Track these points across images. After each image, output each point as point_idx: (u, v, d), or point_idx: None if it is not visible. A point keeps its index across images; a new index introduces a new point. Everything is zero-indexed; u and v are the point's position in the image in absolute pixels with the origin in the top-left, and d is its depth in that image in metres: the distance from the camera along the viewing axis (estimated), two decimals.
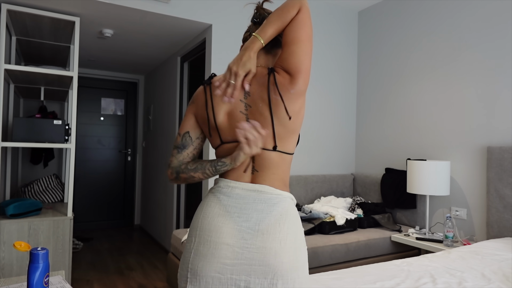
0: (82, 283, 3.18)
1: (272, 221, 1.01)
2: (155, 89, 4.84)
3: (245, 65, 1.02)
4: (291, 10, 1.04)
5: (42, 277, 0.99)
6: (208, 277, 0.99)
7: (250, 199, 1.03)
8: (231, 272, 0.98)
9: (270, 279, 0.98)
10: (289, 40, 1.04)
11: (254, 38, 1.04)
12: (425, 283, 1.60)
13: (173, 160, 1.12)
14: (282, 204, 1.04)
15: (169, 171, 1.13)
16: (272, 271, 0.98)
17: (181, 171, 1.10)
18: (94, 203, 5.19)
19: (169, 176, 1.13)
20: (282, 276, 0.98)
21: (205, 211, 1.06)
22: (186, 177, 1.09)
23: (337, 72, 3.70)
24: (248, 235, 1.00)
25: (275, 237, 0.99)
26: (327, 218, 2.77)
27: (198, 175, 1.08)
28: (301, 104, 1.06)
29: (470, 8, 2.77)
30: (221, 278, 0.99)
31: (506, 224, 2.39)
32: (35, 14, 2.57)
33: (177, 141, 1.14)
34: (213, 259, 0.99)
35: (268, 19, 1.05)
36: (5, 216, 2.44)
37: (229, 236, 1.00)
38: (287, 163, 1.09)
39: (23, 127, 2.46)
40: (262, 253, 0.98)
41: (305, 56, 1.03)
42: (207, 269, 0.99)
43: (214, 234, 1.01)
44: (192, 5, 2.96)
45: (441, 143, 2.94)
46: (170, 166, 1.12)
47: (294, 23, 1.04)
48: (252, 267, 0.98)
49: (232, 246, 0.99)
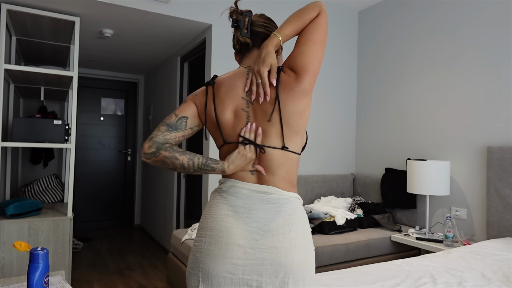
0: (82, 283, 3.18)
1: (281, 221, 1.01)
2: (155, 89, 4.84)
3: (265, 61, 1.03)
4: (311, 12, 1.06)
5: (42, 277, 0.99)
6: (220, 277, 1.00)
7: (257, 200, 1.04)
8: (242, 272, 0.99)
9: (281, 278, 0.99)
10: (302, 40, 1.06)
11: (273, 36, 1.06)
12: (425, 283, 1.60)
13: (158, 134, 1.06)
14: (289, 205, 1.04)
15: (147, 143, 1.04)
16: (283, 270, 0.98)
17: (164, 148, 1.04)
18: (94, 203, 5.19)
19: (145, 149, 1.04)
20: (293, 275, 0.99)
21: (213, 211, 1.06)
22: (167, 156, 1.03)
23: (337, 72, 3.70)
24: (259, 235, 1.00)
25: (285, 237, 1.00)
26: (327, 218, 2.77)
27: (183, 159, 1.03)
28: (306, 105, 1.06)
29: (470, 8, 2.77)
30: (233, 278, 0.99)
31: (506, 224, 2.39)
32: (35, 14, 2.57)
33: (170, 119, 1.09)
34: (224, 260, 1.00)
35: (288, 18, 1.07)
36: (5, 216, 2.44)
37: (239, 237, 1.00)
38: (292, 163, 1.08)
39: (23, 127, 2.46)
40: (274, 253, 0.99)
41: (314, 57, 1.05)
42: (219, 269, 1.00)
43: (225, 235, 1.01)
44: (192, 5, 2.96)
45: (441, 143, 2.94)
46: (152, 139, 1.05)
47: (312, 25, 1.06)
48: (264, 267, 0.99)
49: (243, 246, 1.00)
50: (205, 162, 1.04)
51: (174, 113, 1.11)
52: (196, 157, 1.04)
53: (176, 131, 1.08)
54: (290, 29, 1.06)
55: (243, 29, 1.13)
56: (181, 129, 1.09)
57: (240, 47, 1.17)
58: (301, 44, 1.06)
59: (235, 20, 1.14)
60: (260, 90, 1.03)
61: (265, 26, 1.16)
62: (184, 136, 1.10)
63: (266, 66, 1.03)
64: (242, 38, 1.14)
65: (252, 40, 1.15)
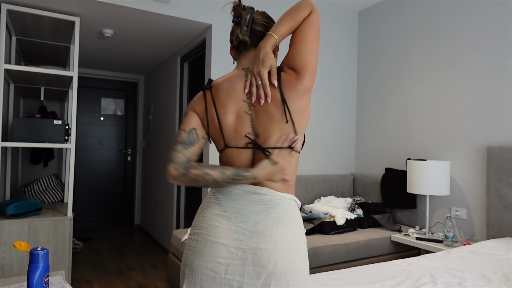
0: (82, 283, 3.18)
1: (269, 222, 1.01)
2: (155, 89, 4.84)
3: (264, 62, 1.03)
4: (303, 10, 1.07)
5: (42, 277, 0.99)
6: (203, 275, 1.00)
7: (249, 200, 1.03)
8: (225, 271, 0.99)
9: (263, 280, 0.97)
10: (297, 39, 1.07)
11: (268, 36, 1.06)
12: (425, 283, 1.60)
13: (179, 155, 1.00)
14: (281, 206, 1.03)
15: (172, 166, 0.99)
16: (266, 272, 0.97)
17: (192, 167, 0.99)
18: (94, 203, 5.19)
19: (173, 172, 0.99)
20: (276, 278, 0.97)
21: (204, 211, 1.07)
22: (198, 174, 0.98)
23: (337, 72, 3.70)
24: (244, 236, 1.00)
25: (271, 239, 0.99)
26: (327, 218, 2.77)
27: (214, 174, 0.98)
28: (307, 103, 1.07)
29: (471, 8, 2.77)
30: (215, 277, 1.00)
31: (506, 224, 2.39)
32: (35, 14, 2.57)
33: (181, 136, 1.04)
34: (208, 258, 1.00)
35: (282, 18, 1.07)
36: (5, 216, 2.44)
37: (225, 236, 1.01)
38: (294, 163, 1.07)
39: (23, 127, 2.46)
40: (256, 254, 0.98)
41: (311, 54, 1.06)
42: (202, 266, 1.01)
43: (211, 233, 1.02)
44: (192, 5, 2.96)
45: (441, 143, 2.94)
46: (175, 161, 1.00)
47: (305, 24, 1.07)
48: (246, 267, 0.98)
49: (227, 246, 1.00)
50: (236, 172, 1.00)
51: (181, 130, 1.06)
52: (225, 168, 1.00)
53: (192, 145, 1.04)
54: (285, 28, 1.06)
55: (243, 27, 1.12)
56: (196, 142, 1.05)
57: (238, 43, 1.16)
58: (297, 43, 1.06)
59: (237, 16, 1.13)
60: (261, 91, 1.03)
61: (265, 25, 1.15)
62: (200, 148, 1.07)
63: (266, 67, 1.02)
64: (241, 36, 1.13)
65: (250, 38, 1.14)
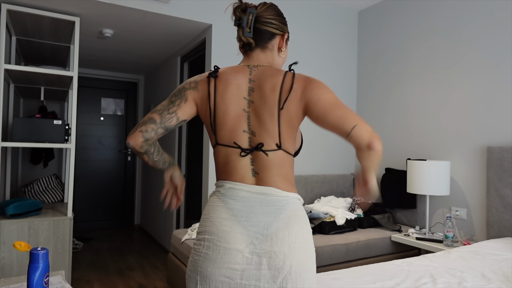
0: (82, 283, 3.18)
1: (280, 224, 1.00)
2: (155, 89, 4.84)
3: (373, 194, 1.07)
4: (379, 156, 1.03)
5: (42, 277, 0.99)
6: (217, 282, 0.99)
7: (256, 202, 1.02)
8: (240, 277, 0.98)
9: (280, 283, 0.97)
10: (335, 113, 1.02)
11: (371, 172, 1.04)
12: (425, 283, 1.60)
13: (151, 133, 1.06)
14: (289, 206, 1.03)
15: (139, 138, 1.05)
16: (281, 275, 0.97)
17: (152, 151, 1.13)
18: (94, 203, 5.19)
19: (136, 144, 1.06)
20: (292, 280, 0.97)
21: (211, 215, 1.04)
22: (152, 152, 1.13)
23: (337, 72, 3.70)
24: (257, 240, 0.99)
25: (284, 241, 0.98)
26: (327, 218, 2.77)
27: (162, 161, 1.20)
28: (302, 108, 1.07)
29: (471, 8, 2.77)
30: (231, 283, 0.98)
31: (506, 224, 2.39)
32: (35, 14, 2.57)
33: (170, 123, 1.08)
34: (222, 264, 0.98)
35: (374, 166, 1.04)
36: (5, 216, 2.44)
37: (238, 241, 0.99)
38: (288, 164, 1.07)
39: (23, 127, 2.46)
40: (272, 258, 0.97)
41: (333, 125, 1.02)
42: (217, 273, 0.99)
43: (223, 239, 1.00)
44: (192, 5, 2.96)
45: (441, 143, 2.94)
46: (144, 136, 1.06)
47: None
48: (261, 271, 0.97)
49: (241, 251, 0.98)
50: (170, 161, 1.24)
51: (176, 115, 1.07)
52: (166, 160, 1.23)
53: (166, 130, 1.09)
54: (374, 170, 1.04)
55: (245, 29, 1.07)
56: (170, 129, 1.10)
57: (243, 44, 1.13)
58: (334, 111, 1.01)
59: (238, 18, 1.09)
60: None
61: (271, 23, 1.09)
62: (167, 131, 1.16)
63: (374, 199, 1.08)
64: (244, 38, 1.09)
65: (255, 39, 1.10)
